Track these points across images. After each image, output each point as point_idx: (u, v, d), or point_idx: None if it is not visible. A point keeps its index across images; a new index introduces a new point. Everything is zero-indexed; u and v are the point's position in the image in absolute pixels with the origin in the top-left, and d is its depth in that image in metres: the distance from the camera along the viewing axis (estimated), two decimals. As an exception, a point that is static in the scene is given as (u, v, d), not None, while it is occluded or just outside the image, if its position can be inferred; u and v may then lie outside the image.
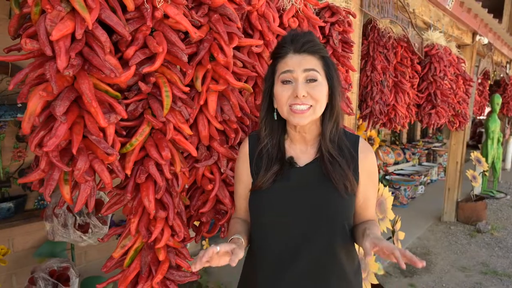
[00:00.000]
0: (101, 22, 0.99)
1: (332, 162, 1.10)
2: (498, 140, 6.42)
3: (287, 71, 1.08)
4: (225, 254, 0.96)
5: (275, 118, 1.16)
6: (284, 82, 1.09)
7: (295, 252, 1.10)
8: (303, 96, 1.05)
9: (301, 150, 1.17)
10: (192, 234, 1.49)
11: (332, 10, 1.92)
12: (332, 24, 1.91)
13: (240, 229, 1.18)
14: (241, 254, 0.96)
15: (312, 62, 1.07)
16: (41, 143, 0.95)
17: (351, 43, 2.00)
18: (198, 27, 1.24)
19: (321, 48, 1.10)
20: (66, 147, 0.99)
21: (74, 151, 0.95)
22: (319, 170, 1.12)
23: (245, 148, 1.23)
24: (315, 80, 1.07)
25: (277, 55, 1.12)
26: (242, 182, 1.22)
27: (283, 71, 1.09)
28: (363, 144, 1.17)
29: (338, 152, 1.12)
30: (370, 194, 1.18)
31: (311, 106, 1.06)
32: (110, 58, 0.99)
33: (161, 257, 1.20)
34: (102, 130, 1.03)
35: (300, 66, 1.06)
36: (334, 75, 1.11)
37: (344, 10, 1.95)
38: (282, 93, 1.09)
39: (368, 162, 1.15)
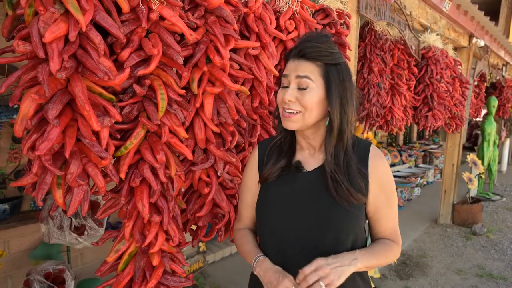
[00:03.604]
0: (95, 24, 0.98)
1: (334, 178, 1.06)
2: (494, 143, 6.45)
3: (284, 75, 1.10)
4: None
5: None
6: (282, 86, 1.10)
7: (302, 262, 1.04)
8: (290, 101, 1.05)
9: (310, 154, 1.16)
10: (189, 238, 1.48)
11: (325, 12, 1.91)
12: (325, 26, 1.90)
13: (256, 244, 1.19)
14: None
15: (306, 69, 1.04)
16: (33, 147, 0.94)
17: (345, 45, 1.99)
18: (194, 29, 1.23)
19: (324, 55, 1.04)
20: (59, 151, 0.98)
21: (67, 154, 0.94)
22: (325, 177, 1.09)
23: (254, 155, 1.22)
24: (304, 88, 1.04)
25: (286, 57, 1.14)
26: (249, 190, 1.21)
27: (282, 75, 1.11)
28: (374, 152, 1.12)
29: (343, 167, 1.08)
30: (382, 205, 1.12)
31: (299, 111, 1.06)
32: (104, 61, 0.98)
33: (155, 262, 1.19)
34: (96, 133, 1.01)
35: (295, 71, 1.06)
36: (335, 86, 1.04)
37: (337, 12, 1.93)
38: (278, 96, 1.11)
39: (378, 170, 1.10)
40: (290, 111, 1.06)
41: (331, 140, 1.07)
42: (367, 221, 1.18)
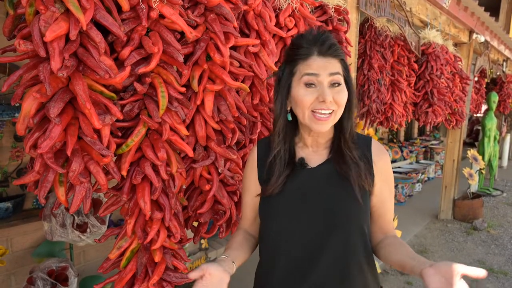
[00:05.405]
0: (96, 23, 0.98)
1: (351, 163, 1.07)
2: (495, 138, 6.45)
3: (312, 74, 1.02)
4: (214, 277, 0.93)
5: (289, 119, 1.11)
6: (308, 85, 1.03)
7: (312, 261, 1.06)
8: (330, 101, 1.01)
9: (313, 151, 1.14)
10: (191, 234, 1.49)
11: (323, 9, 1.91)
12: (322, 23, 1.90)
13: (237, 246, 1.15)
14: (226, 279, 0.95)
15: (336, 66, 1.04)
16: (35, 145, 0.95)
17: (343, 41, 1.98)
18: (194, 27, 1.24)
19: (342, 52, 1.07)
20: (61, 149, 0.99)
21: (68, 152, 0.95)
22: (332, 171, 1.09)
23: (253, 155, 1.20)
24: (339, 84, 1.03)
25: (298, 56, 1.05)
26: (249, 190, 1.20)
27: (306, 73, 1.03)
28: (376, 145, 1.14)
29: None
30: (387, 197, 1.13)
31: (332, 110, 1.03)
32: (105, 59, 0.99)
33: (157, 258, 1.20)
34: (97, 131, 1.02)
35: (326, 69, 1.01)
36: (351, 77, 1.09)
37: (335, 8, 1.93)
38: (305, 97, 1.03)
39: (382, 163, 1.12)
40: (327, 111, 1.02)
41: (348, 127, 1.10)
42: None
